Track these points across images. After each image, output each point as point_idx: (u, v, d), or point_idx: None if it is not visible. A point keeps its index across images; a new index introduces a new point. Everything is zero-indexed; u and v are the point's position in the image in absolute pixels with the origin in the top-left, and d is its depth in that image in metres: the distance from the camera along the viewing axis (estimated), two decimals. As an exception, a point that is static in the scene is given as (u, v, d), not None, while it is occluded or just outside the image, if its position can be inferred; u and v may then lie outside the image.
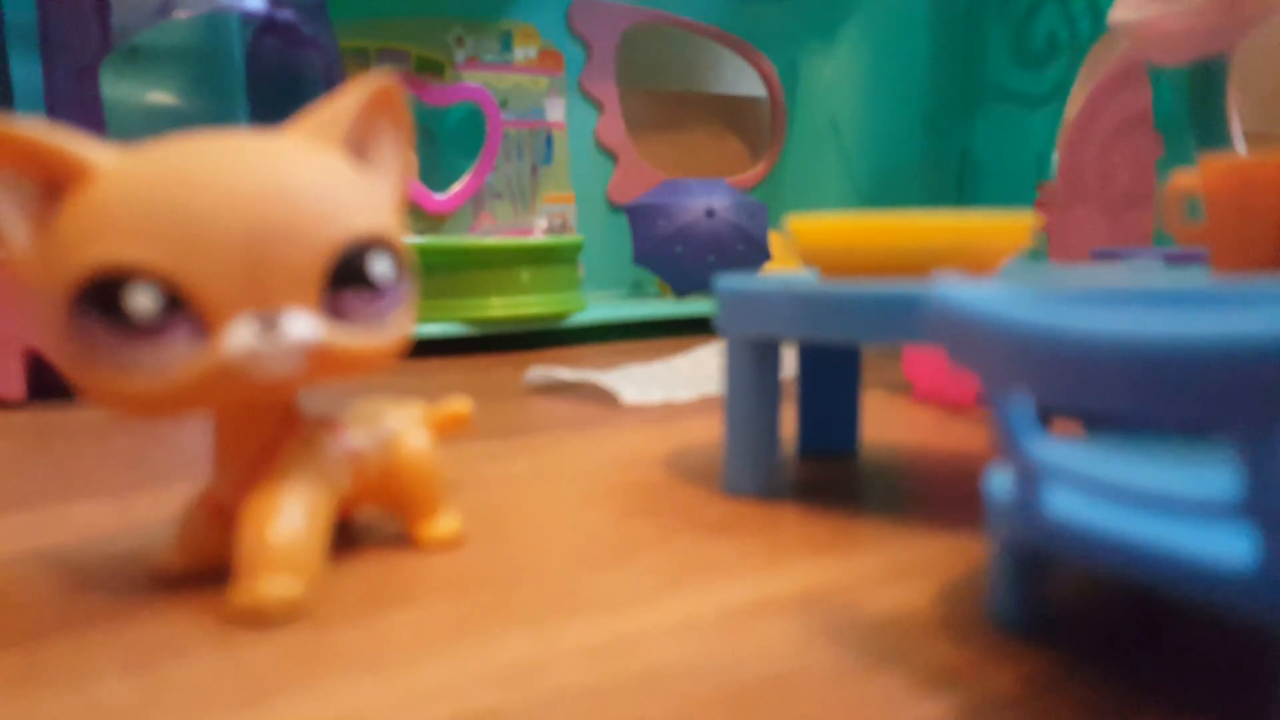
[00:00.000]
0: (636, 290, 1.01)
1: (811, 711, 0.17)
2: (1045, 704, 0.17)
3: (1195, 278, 0.27)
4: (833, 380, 0.37)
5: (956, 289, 0.18)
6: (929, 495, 0.32)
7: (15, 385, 0.49)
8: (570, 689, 0.18)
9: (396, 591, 0.23)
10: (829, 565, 0.25)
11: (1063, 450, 0.20)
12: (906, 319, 0.24)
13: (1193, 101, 0.94)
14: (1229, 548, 0.16)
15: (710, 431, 0.41)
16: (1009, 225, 0.28)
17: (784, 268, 0.85)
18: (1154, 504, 0.17)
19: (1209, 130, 0.93)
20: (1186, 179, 0.30)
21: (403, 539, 0.27)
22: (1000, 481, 0.20)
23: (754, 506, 0.30)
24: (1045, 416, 0.34)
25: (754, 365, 0.30)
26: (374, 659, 0.19)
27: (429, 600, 0.22)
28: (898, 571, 0.24)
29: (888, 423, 0.44)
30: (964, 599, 0.22)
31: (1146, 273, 0.34)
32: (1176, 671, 0.19)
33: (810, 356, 0.37)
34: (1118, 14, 0.62)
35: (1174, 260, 0.45)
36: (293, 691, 0.18)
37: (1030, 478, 0.19)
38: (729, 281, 0.31)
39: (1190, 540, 0.16)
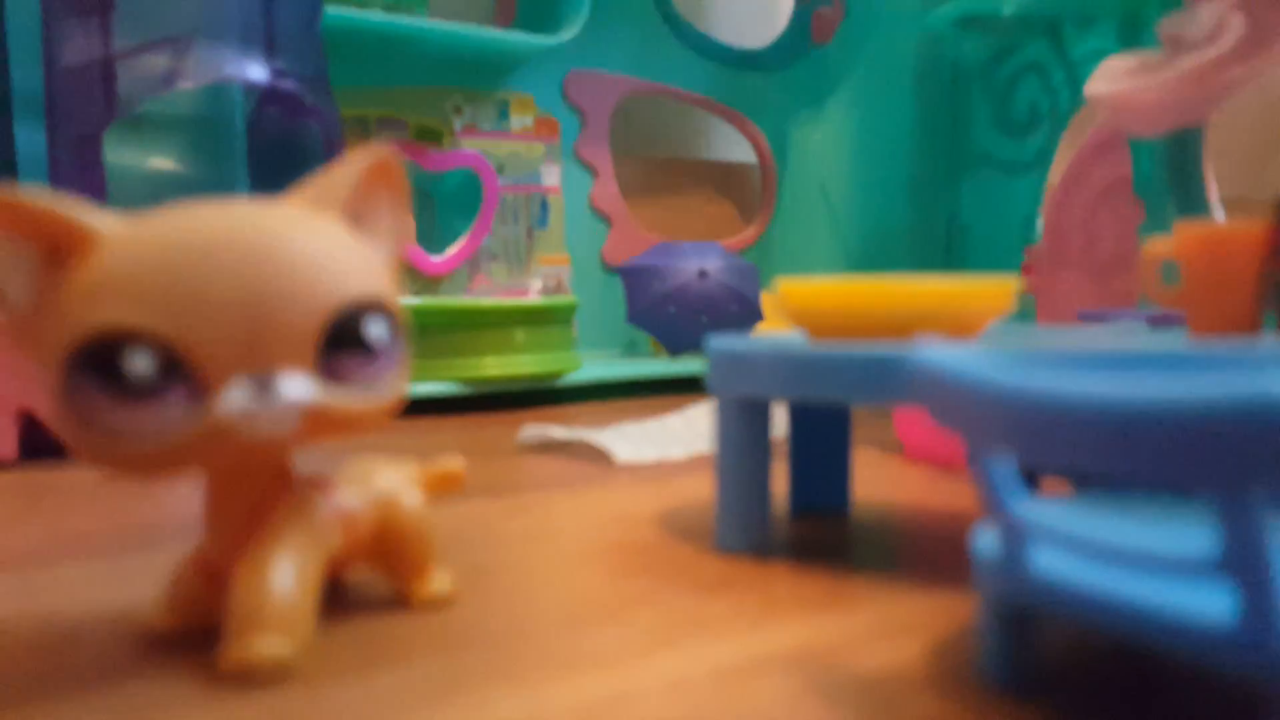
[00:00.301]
0: (630, 349, 1.02)
1: (803, 770, 0.17)
2: (1036, 762, 0.17)
3: (1173, 340, 0.28)
4: (823, 439, 0.38)
5: (938, 352, 0.18)
6: (920, 553, 0.32)
7: (8, 444, 0.50)
8: (562, 748, 0.18)
9: (386, 651, 0.23)
10: (821, 623, 0.25)
11: (1046, 509, 0.20)
12: (893, 380, 0.25)
13: (1170, 169, 0.97)
14: (1210, 604, 0.16)
15: (703, 490, 0.41)
16: (992, 289, 0.29)
17: (776, 328, 0.86)
18: (1135, 561, 0.17)
19: (1187, 196, 0.95)
20: (1162, 245, 0.31)
21: (394, 598, 0.27)
22: (987, 540, 0.21)
23: (746, 564, 0.30)
24: (1034, 475, 0.34)
25: (745, 424, 0.31)
26: (365, 719, 0.19)
27: (418, 660, 0.22)
28: (889, 629, 0.24)
29: (879, 481, 0.44)
30: (954, 656, 0.22)
31: (1128, 335, 0.35)
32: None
33: (801, 416, 0.38)
34: (1095, 86, 0.65)
35: (1156, 322, 0.46)
36: (283, 751, 0.18)
37: (1015, 536, 0.19)
38: (720, 342, 0.31)
39: (1172, 597, 0.17)
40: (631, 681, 0.21)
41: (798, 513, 0.37)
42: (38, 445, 0.50)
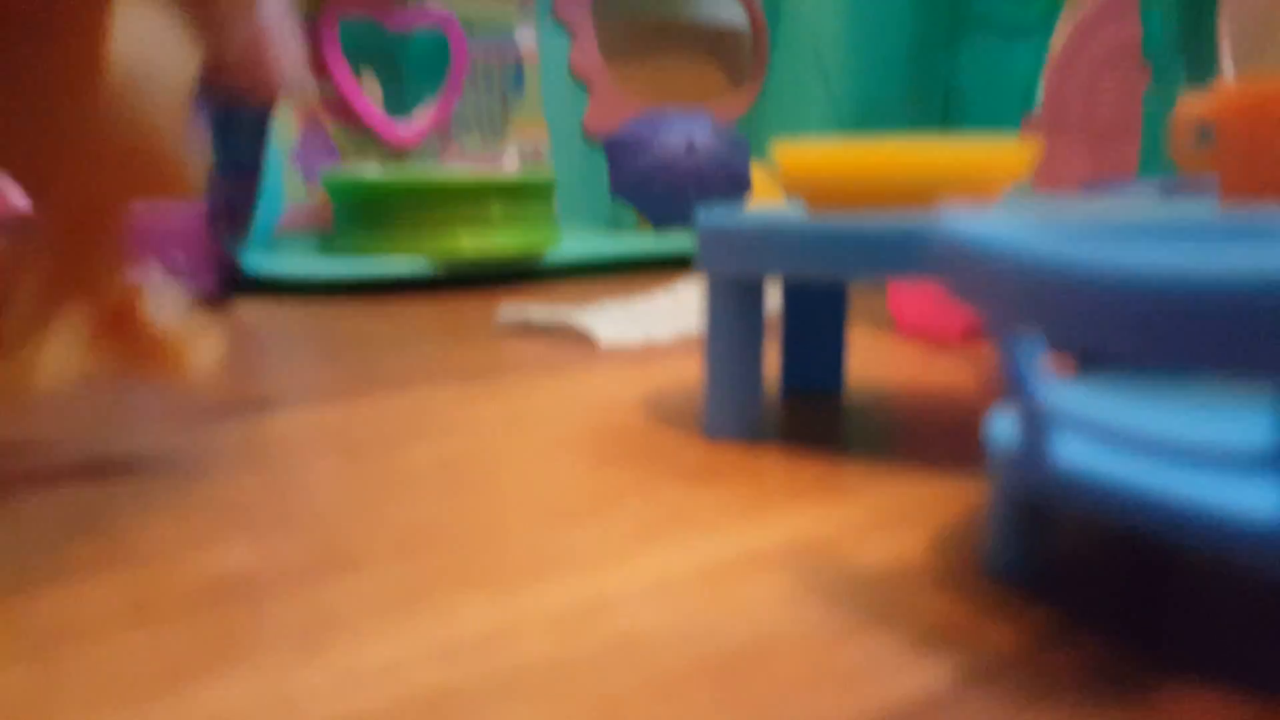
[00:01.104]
0: (614, 225, 0.99)
1: (800, 680, 0.16)
2: (1047, 662, 0.16)
3: (1205, 209, 0.25)
4: (818, 317, 0.35)
5: (967, 220, 0.16)
6: (916, 436, 0.30)
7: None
8: (533, 663, 0.16)
9: (341, 555, 0.21)
10: (815, 514, 0.23)
11: (1072, 395, 0.18)
12: (904, 253, 0.22)
13: (1183, 32, 0.91)
14: (1255, 501, 0.14)
15: (690, 373, 0.39)
16: (1010, 153, 0.26)
17: (767, 201, 0.82)
18: (1176, 454, 0.15)
19: (1199, 61, 0.90)
20: (1197, 105, 0.28)
21: (354, 500, 0.25)
22: (1003, 426, 0.19)
23: (736, 451, 0.28)
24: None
25: (736, 304, 0.28)
26: (310, 635, 0.17)
27: (377, 565, 0.20)
28: (887, 519, 0.23)
29: (872, 359, 0.42)
30: (958, 549, 0.21)
31: (1151, 204, 0.32)
32: (1184, 627, 0.17)
33: (795, 293, 0.35)
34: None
35: (1170, 191, 0.43)
36: (214, 676, 0.16)
37: (1038, 423, 0.17)
38: (710, 215, 0.28)
39: (1210, 492, 0.15)
40: (613, 584, 0.19)
41: (789, 394, 0.35)
42: None
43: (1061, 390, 0.17)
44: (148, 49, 0.20)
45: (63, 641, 0.17)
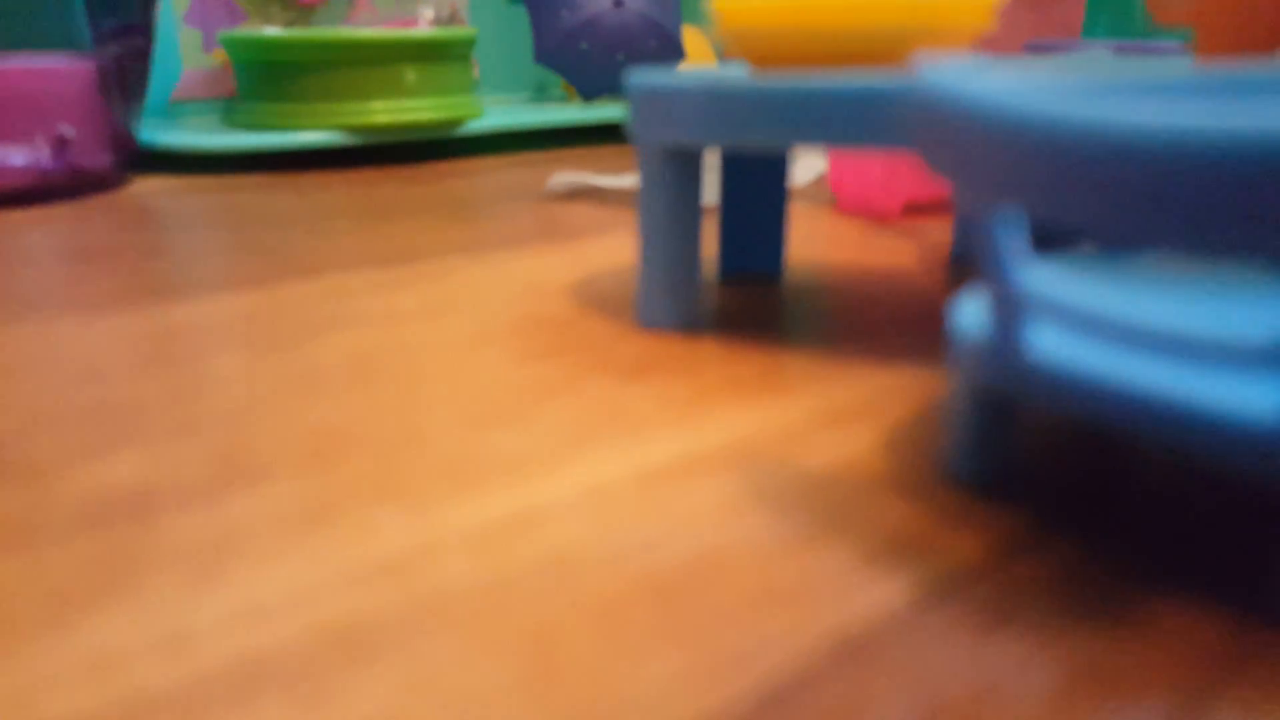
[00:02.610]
0: (539, 94, 0.93)
1: (746, 599, 0.14)
2: (1016, 573, 0.15)
3: (1183, 66, 0.23)
4: (758, 194, 0.33)
5: (952, 75, 0.13)
6: (863, 322, 0.29)
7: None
8: (455, 586, 0.15)
9: (244, 466, 0.19)
10: (759, 411, 0.22)
11: (1049, 279, 0.16)
12: (865, 117, 0.20)
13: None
14: (1255, 400, 0.13)
15: (623, 254, 0.37)
16: (972, 2, 0.24)
17: (700, 65, 0.78)
18: (1169, 347, 0.14)
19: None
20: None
21: (259, 401, 0.22)
22: (971, 313, 0.17)
23: (672, 342, 0.26)
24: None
25: (673, 178, 0.26)
26: (209, 559, 0.15)
27: (281, 477, 0.18)
28: (837, 417, 0.21)
29: (812, 238, 0.40)
30: (915, 450, 0.19)
31: (1104, 64, 0.30)
32: (1160, 535, 0.16)
33: (733, 168, 0.33)
34: None
35: (1124, 52, 0.41)
36: (99, 610, 0.14)
37: (1012, 311, 0.15)
38: (644, 79, 0.25)
39: (1200, 389, 0.14)
40: (542, 495, 0.18)
41: (728, 278, 0.33)
42: None
43: (1037, 274, 0.16)
44: None
45: (-99, 586, 0.15)
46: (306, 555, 0.16)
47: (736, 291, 0.32)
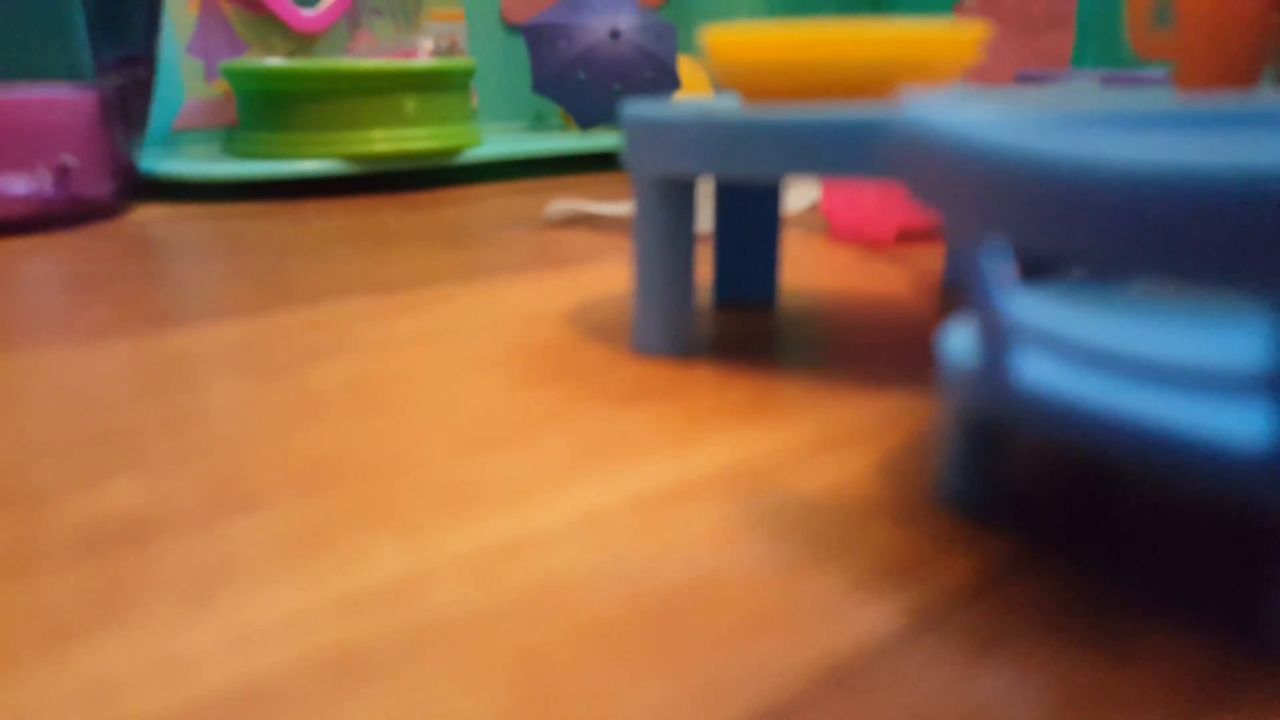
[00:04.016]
0: (537, 123, 0.94)
1: (740, 625, 0.15)
2: (1006, 596, 0.15)
3: (1164, 98, 0.24)
4: (751, 222, 0.33)
5: (933, 109, 0.14)
6: (856, 349, 0.29)
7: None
8: (450, 613, 0.15)
9: (240, 492, 0.19)
10: (753, 437, 0.22)
11: (1034, 307, 0.17)
12: (852, 149, 0.20)
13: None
14: (1240, 427, 0.13)
15: (619, 281, 0.37)
16: (959, 36, 0.24)
17: (695, 96, 0.79)
18: (1154, 375, 0.14)
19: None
20: (1153, -16, 0.27)
21: (255, 428, 0.22)
22: (960, 341, 0.17)
23: (667, 368, 0.26)
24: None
25: (666, 207, 0.26)
26: (205, 585, 0.15)
27: (276, 503, 0.18)
28: (829, 441, 0.21)
29: (806, 266, 0.41)
30: (907, 476, 0.20)
31: (1089, 95, 0.31)
32: (1150, 557, 0.17)
33: (727, 196, 0.33)
34: None
35: (1112, 83, 0.42)
36: (97, 634, 0.14)
37: (999, 338, 0.16)
38: (638, 109, 0.26)
39: (1187, 416, 0.14)
40: (536, 521, 0.18)
41: (722, 305, 0.34)
42: None
43: (1024, 302, 0.16)
44: None
45: (-102, 612, 0.15)
46: (301, 581, 0.16)
47: (731, 318, 0.32)
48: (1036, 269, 0.24)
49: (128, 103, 0.54)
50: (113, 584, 0.15)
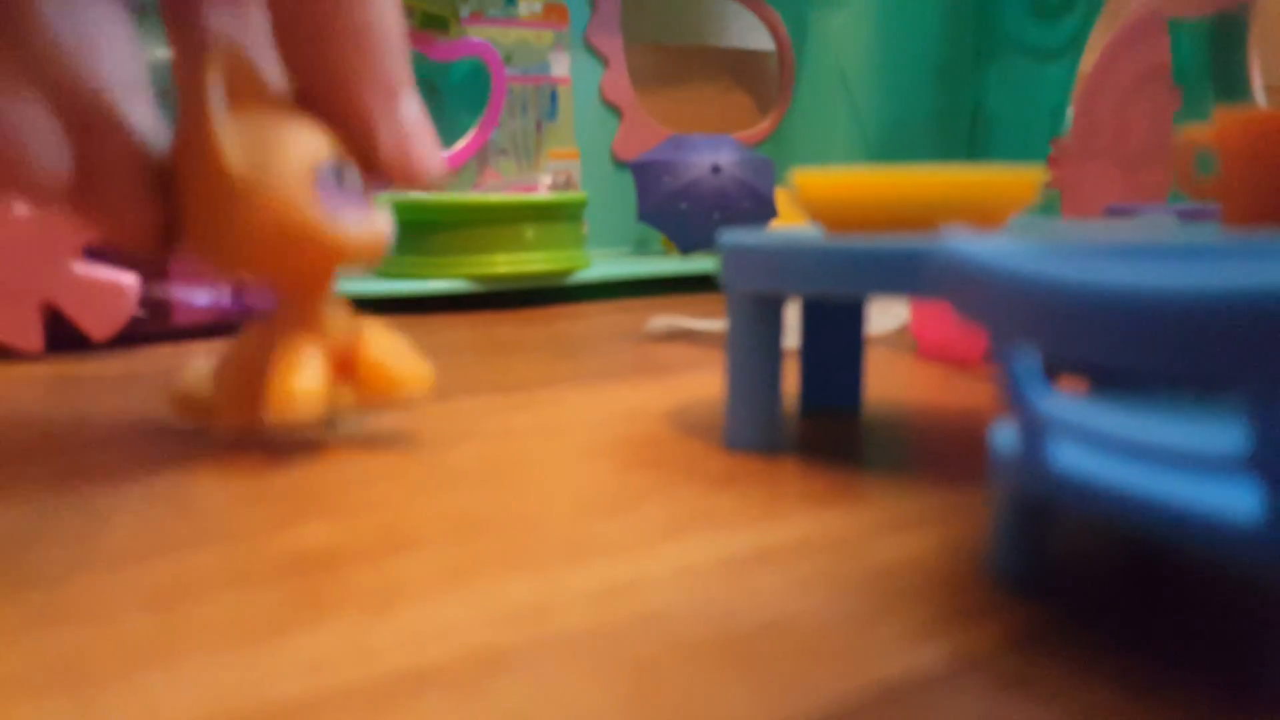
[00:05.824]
0: (641, 248, 1.01)
1: (805, 655, 0.18)
2: (1037, 651, 0.18)
3: (1206, 233, 0.27)
4: (836, 337, 0.37)
5: (964, 242, 0.18)
6: (932, 451, 0.32)
7: (34, 337, 0.49)
8: (572, 630, 0.18)
9: (402, 537, 0.23)
10: (829, 517, 0.25)
11: (1068, 405, 0.20)
12: (911, 273, 0.24)
13: (1213, 54, 0.92)
14: (1234, 501, 0.16)
15: (712, 388, 0.41)
16: (1016, 180, 0.28)
17: (791, 224, 0.84)
18: (1158, 457, 0.17)
19: (1229, 83, 0.91)
20: (1198, 132, 0.30)
21: (410, 491, 0.27)
22: (1005, 435, 0.21)
23: (755, 461, 0.30)
24: (1053, 374, 0.34)
25: (756, 320, 0.30)
26: (382, 599, 0.20)
27: (433, 545, 0.23)
28: (898, 523, 0.24)
29: (891, 380, 0.44)
30: (965, 552, 0.22)
31: (1157, 228, 0.34)
32: (1174, 623, 0.19)
33: (813, 313, 0.37)
34: (1134, -35, 0.61)
35: (1187, 216, 0.45)
36: (304, 629, 0.18)
37: (1035, 431, 0.19)
38: (732, 236, 0.30)
39: (1195, 493, 0.17)
40: (641, 569, 0.21)
41: (808, 412, 0.37)
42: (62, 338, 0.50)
43: (1059, 400, 0.19)
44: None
45: (176, 600, 0.20)
46: (455, 601, 0.20)
47: (816, 423, 0.36)
48: (1102, 380, 0.26)
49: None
50: (313, 595, 0.20)
